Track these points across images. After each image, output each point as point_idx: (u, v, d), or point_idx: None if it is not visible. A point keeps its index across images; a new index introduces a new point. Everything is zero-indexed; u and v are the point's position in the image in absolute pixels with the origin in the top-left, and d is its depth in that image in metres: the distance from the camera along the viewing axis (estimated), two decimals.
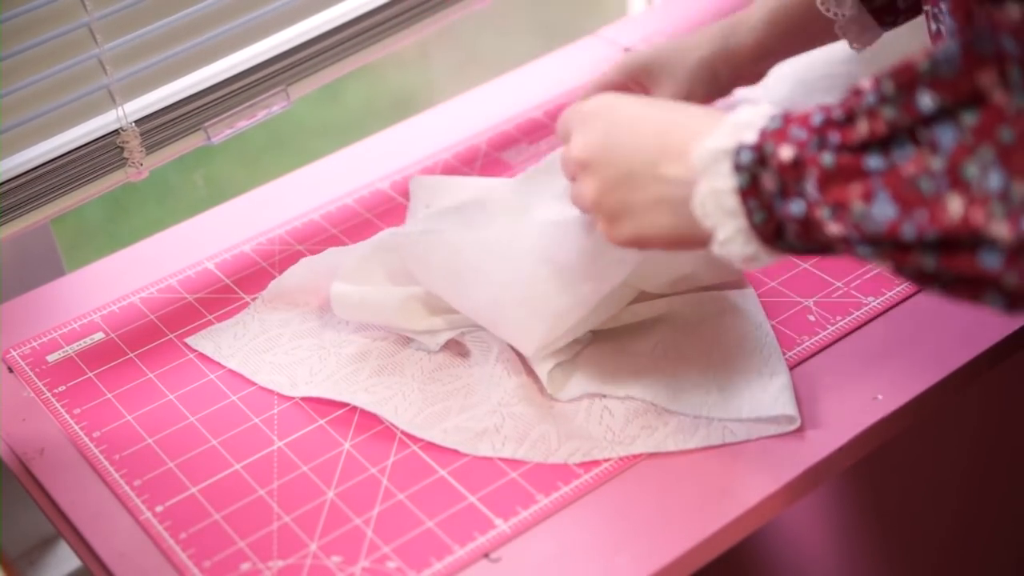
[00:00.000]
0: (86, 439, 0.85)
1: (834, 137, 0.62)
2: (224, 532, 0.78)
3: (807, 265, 0.93)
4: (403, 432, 0.83)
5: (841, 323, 0.89)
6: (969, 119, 0.57)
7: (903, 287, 0.91)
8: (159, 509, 0.80)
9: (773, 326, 0.88)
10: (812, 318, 0.89)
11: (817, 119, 0.63)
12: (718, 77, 0.92)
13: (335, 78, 1.06)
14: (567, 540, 0.77)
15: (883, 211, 0.59)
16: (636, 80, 0.94)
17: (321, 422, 0.85)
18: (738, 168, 0.65)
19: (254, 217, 1.04)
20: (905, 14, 0.90)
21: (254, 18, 0.99)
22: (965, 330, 0.87)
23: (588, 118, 0.75)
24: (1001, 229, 0.55)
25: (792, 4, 0.91)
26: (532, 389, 0.83)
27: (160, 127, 0.97)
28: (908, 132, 0.59)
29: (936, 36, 0.79)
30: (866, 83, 0.61)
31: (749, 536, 0.77)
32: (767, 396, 0.81)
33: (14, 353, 0.92)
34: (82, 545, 0.80)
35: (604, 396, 0.83)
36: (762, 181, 0.64)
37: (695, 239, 0.70)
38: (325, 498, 0.80)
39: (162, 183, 1.78)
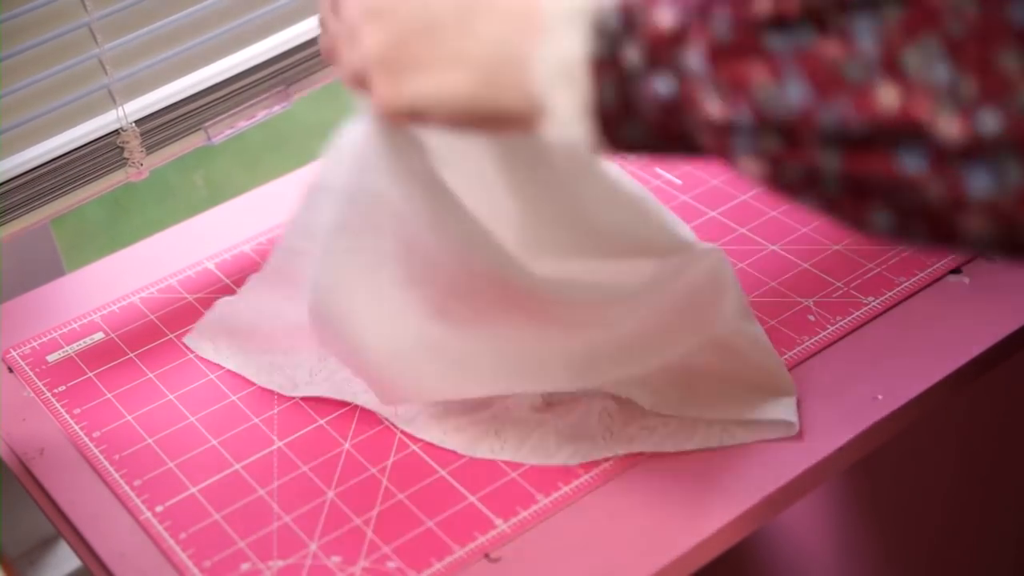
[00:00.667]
0: (86, 439, 0.85)
1: (722, 11, 0.51)
2: (224, 532, 0.78)
3: (807, 265, 0.93)
4: (403, 432, 0.83)
5: (841, 323, 0.89)
6: (892, 12, 0.49)
7: (903, 287, 0.91)
8: (159, 509, 0.80)
9: (773, 326, 0.88)
10: (812, 318, 0.89)
11: None
12: None
13: (335, 78, 1.06)
14: (567, 540, 0.77)
15: (796, 92, 0.50)
16: None
17: (321, 422, 0.85)
18: (598, 32, 0.54)
19: (254, 217, 1.04)
20: None
21: (254, 18, 0.99)
22: (965, 330, 0.87)
23: None
24: (950, 125, 0.47)
25: None
26: (532, 392, 0.83)
27: (160, 127, 0.97)
28: (816, 17, 0.50)
29: None
30: None
31: (749, 536, 0.77)
32: (769, 400, 0.81)
33: (14, 353, 0.92)
34: (82, 545, 0.80)
35: (605, 396, 0.83)
36: (624, 53, 0.53)
37: (492, 116, 0.58)
38: (325, 498, 0.80)
39: (162, 183, 1.78)
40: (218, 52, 0.98)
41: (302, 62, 1.03)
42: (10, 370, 0.91)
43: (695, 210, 0.99)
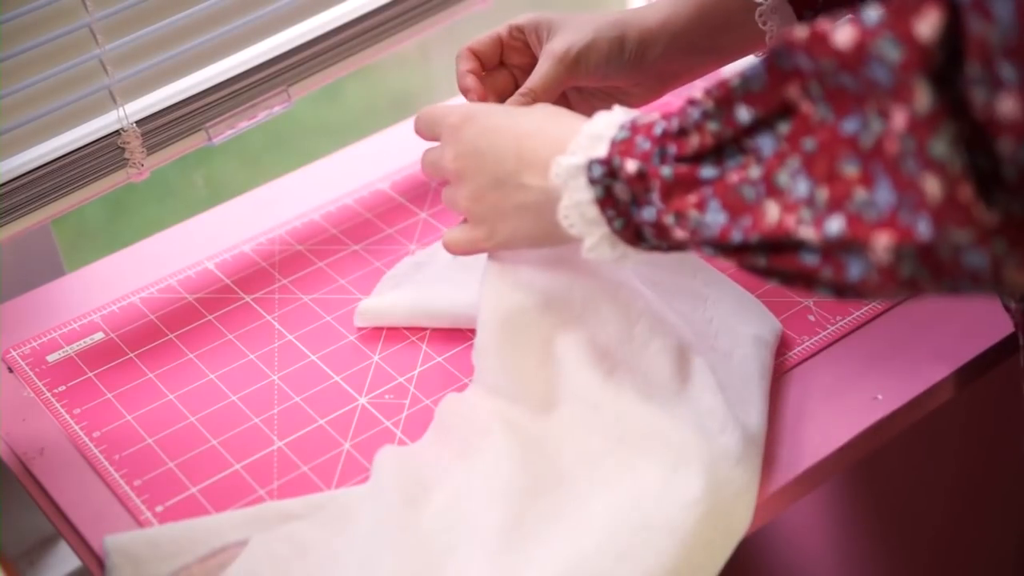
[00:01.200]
0: (86, 439, 0.85)
1: (671, 148, 0.66)
2: None
3: None
4: (403, 432, 0.83)
5: (841, 323, 0.89)
6: (783, 128, 0.62)
7: None
8: (159, 509, 0.80)
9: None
10: (812, 318, 0.89)
11: (658, 129, 0.68)
12: (624, 41, 0.86)
13: (335, 78, 1.06)
14: None
15: (715, 218, 0.64)
16: (537, 31, 0.88)
17: (321, 422, 0.85)
18: (592, 181, 0.70)
19: (254, 217, 1.04)
20: (824, 10, 0.88)
21: (254, 18, 0.99)
22: (965, 330, 0.87)
23: (456, 130, 0.78)
24: (809, 232, 0.59)
25: None
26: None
27: (161, 128, 0.97)
28: (734, 143, 0.64)
29: None
30: (696, 95, 0.66)
31: (749, 536, 0.77)
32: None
33: (14, 353, 0.92)
34: (82, 545, 0.80)
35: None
36: (615, 191, 0.69)
37: (558, 238, 0.74)
38: None
39: (162, 183, 1.78)
40: (218, 52, 0.98)
41: (302, 62, 1.03)
42: (10, 370, 0.91)
43: None
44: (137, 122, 0.95)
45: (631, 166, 0.68)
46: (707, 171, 0.65)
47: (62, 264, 1.09)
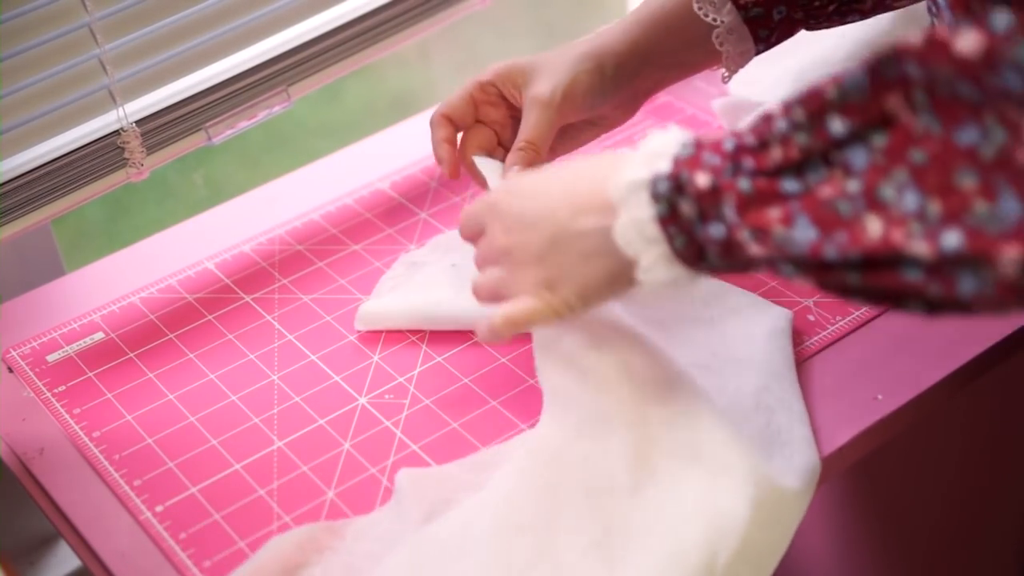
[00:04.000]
0: (86, 439, 0.85)
1: (748, 163, 0.64)
2: (224, 532, 0.78)
3: None
4: (403, 432, 0.83)
5: (841, 323, 0.89)
6: (879, 141, 0.59)
7: None
8: (159, 509, 0.80)
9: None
10: (812, 318, 0.89)
11: (729, 145, 0.65)
12: (603, 69, 0.87)
13: (335, 78, 1.06)
14: None
15: (804, 234, 0.61)
16: (512, 81, 0.88)
17: (321, 422, 0.85)
18: (656, 197, 0.67)
19: (254, 217, 1.04)
20: (779, 30, 0.89)
21: (254, 18, 0.99)
22: (965, 330, 0.87)
23: (496, 207, 0.76)
24: (921, 247, 0.57)
25: (670, 4, 0.89)
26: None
27: (161, 127, 0.97)
28: (821, 156, 0.62)
29: None
30: (776, 109, 0.63)
31: None
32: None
33: (14, 353, 0.92)
34: (82, 545, 0.80)
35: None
36: (680, 208, 0.66)
37: (630, 275, 0.71)
38: (325, 498, 0.80)
39: (162, 183, 1.78)
40: (218, 52, 0.98)
41: (302, 62, 1.03)
42: (10, 370, 0.91)
43: None
44: (137, 122, 0.95)
45: (702, 180, 0.65)
46: (789, 184, 0.62)
47: (62, 264, 1.09)
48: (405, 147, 1.10)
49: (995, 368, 0.88)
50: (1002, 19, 0.54)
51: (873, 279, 0.60)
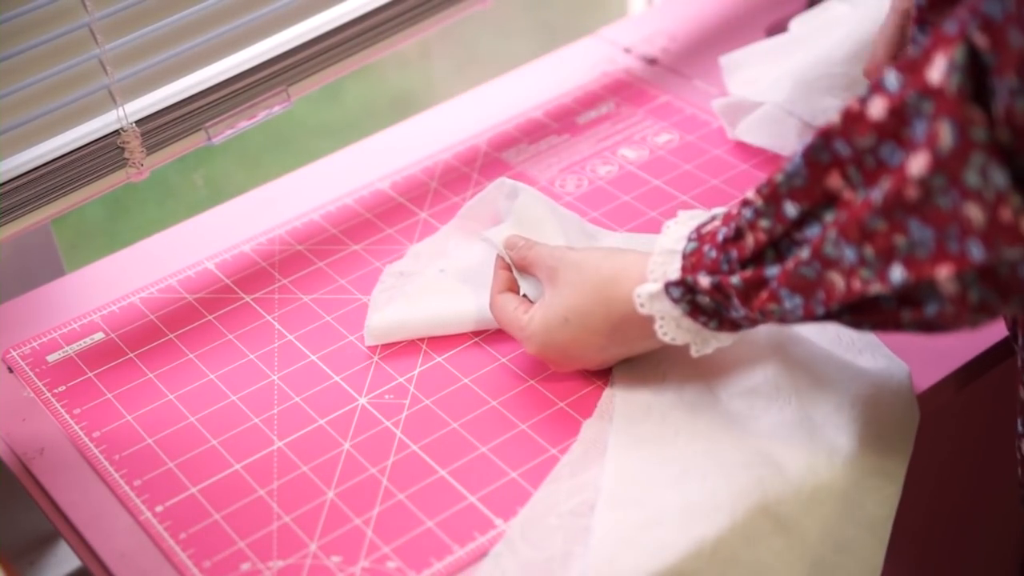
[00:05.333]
0: (86, 439, 0.85)
1: (733, 253, 0.72)
2: (224, 532, 0.78)
3: None
4: (403, 432, 0.83)
5: None
6: (829, 216, 0.67)
7: None
8: (159, 509, 0.80)
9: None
10: None
11: (720, 236, 0.73)
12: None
13: (335, 78, 1.06)
14: None
15: (793, 303, 0.69)
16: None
17: (321, 422, 0.85)
18: (675, 301, 0.75)
19: (254, 217, 1.04)
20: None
21: (254, 18, 0.99)
22: (962, 332, 0.87)
23: (530, 341, 0.83)
24: (877, 287, 0.63)
25: None
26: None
27: (161, 127, 0.97)
28: (785, 236, 0.69)
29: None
30: (750, 194, 0.71)
31: None
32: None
33: (14, 353, 0.92)
34: (82, 545, 0.80)
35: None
36: (700, 303, 0.74)
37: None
38: (325, 498, 0.80)
39: (162, 183, 1.78)
40: (218, 52, 0.98)
41: (302, 62, 1.03)
42: (10, 370, 0.91)
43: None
44: (137, 122, 0.95)
45: (704, 281, 0.73)
46: (771, 270, 0.70)
47: (62, 264, 1.09)
48: (405, 147, 1.10)
49: (992, 370, 0.88)
50: (890, 78, 0.61)
51: (863, 317, 0.67)
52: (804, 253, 0.67)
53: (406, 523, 0.78)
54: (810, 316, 0.68)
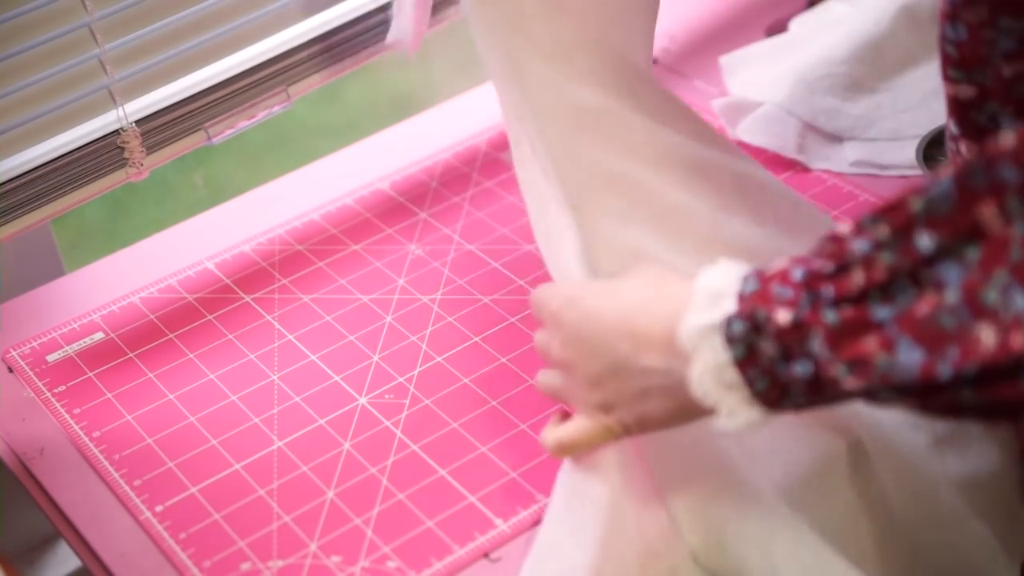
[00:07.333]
0: (86, 439, 0.85)
1: (827, 291, 0.59)
2: (224, 532, 0.78)
3: None
4: (403, 432, 0.83)
5: None
6: (972, 254, 0.55)
7: None
8: (159, 509, 0.80)
9: None
10: None
11: (798, 274, 0.60)
12: None
13: (335, 78, 1.06)
14: None
15: (910, 356, 0.56)
16: None
17: (321, 422, 0.85)
18: (731, 340, 0.62)
19: (254, 217, 1.04)
20: None
21: (254, 18, 0.99)
22: None
23: (557, 317, 0.72)
24: None
25: None
26: None
27: (160, 127, 0.97)
28: (908, 275, 0.57)
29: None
30: (845, 229, 0.60)
31: None
32: None
33: (14, 353, 0.92)
34: (82, 545, 0.80)
35: None
36: (760, 349, 0.61)
37: (695, 413, 0.66)
38: (325, 498, 0.80)
39: (162, 183, 1.78)
40: (218, 52, 0.98)
41: (302, 62, 1.03)
42: (10, 370, 0.91)
43: None
44: (137, 122, 0.95)
45: (783, 316, 0.60)
46: (879, 309, 0.57)
47: (62, 264, 1.09)
48: (405, 147, 1.10)
49: None
50: None
51: (990, 392, 0.55)
52: (950, 296, 0.55)
53: (406, 523, 0.78)
54: (927, 378, 0.56)
